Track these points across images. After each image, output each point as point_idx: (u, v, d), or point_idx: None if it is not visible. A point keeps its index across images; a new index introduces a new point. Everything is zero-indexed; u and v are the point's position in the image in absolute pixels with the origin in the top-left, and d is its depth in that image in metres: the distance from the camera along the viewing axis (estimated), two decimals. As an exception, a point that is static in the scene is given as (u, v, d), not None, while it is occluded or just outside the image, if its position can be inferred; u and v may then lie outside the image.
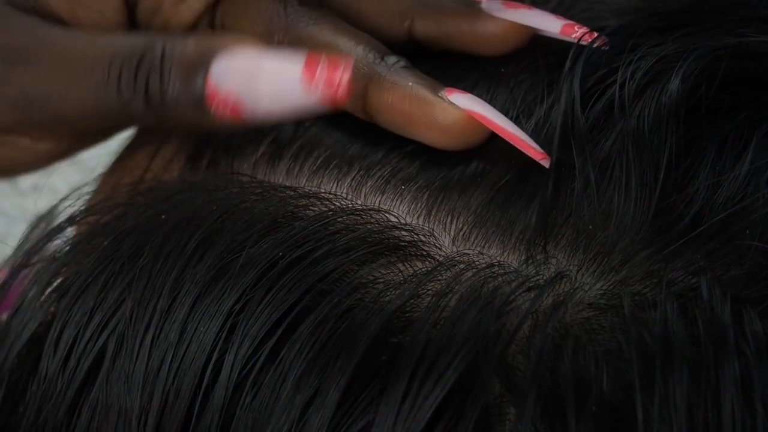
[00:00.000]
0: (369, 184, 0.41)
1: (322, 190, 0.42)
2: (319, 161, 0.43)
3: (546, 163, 0.39)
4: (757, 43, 0.40)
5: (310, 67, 0.40)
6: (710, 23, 0.42)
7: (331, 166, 0.42)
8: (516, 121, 0.41)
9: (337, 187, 0.42)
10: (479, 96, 0.42)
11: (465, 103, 0.41)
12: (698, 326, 0.35)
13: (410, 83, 0.41)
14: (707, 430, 0.33)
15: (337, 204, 0.41)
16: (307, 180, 0.42)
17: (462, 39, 0.43)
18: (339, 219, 0.40)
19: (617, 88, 0.39)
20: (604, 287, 0.37)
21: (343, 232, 0.40)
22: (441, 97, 0.41)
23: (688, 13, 0.43)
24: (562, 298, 0.37)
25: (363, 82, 0.42)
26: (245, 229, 0.40)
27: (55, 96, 0.43)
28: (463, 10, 0.43)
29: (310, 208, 0.41)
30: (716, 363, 0.34)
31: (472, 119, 0.40)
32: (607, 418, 0.34)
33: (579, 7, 0.44)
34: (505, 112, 0.41)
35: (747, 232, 0.37)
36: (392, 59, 0.42)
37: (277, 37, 0.44)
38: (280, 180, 0.43)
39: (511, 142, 0.40)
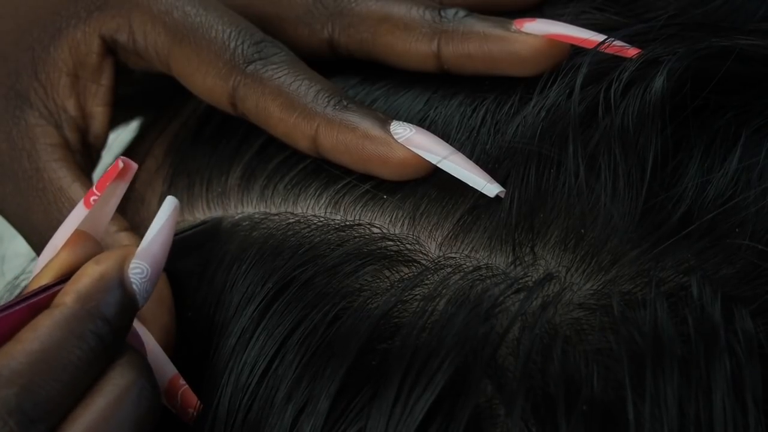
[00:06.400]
0: (348, 198, 0.42)
1: (299, 210, 0.42)
2: (294, 180, 0.43)
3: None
4: (743, 45, 0.40)
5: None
6: (698, 27, 0.42)
7: (307, 184, 0.43)
8: (500, 120, 0.41)
9: (314, 203, 0.42)
10: (461, 111, 0.42)
11: (538, 28, 0.41)
12: (688, 325, 0.35)
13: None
14: (699, 428, 0.33)
15: (317, 222, 0.41)
16: (282, 199, 0.43)
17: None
18: (322, 237, 0.41)
19: (603, 87, 0.39)
20: (594, 287, 0.37)
21: (329, 250, 0.40)
22: (514, 32, 0.41)
23: (679, 17, 0.43)
24: (551, 298, 0.36)
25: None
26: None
27: None
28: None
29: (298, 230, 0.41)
30: (707, 361, 0.34)
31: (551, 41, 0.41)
32: (598, 417, 0.34)
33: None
34: (486, 117, 0.41)
35: (737, 230, 0.37)
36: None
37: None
38: (254, 199, 0.43)
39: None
